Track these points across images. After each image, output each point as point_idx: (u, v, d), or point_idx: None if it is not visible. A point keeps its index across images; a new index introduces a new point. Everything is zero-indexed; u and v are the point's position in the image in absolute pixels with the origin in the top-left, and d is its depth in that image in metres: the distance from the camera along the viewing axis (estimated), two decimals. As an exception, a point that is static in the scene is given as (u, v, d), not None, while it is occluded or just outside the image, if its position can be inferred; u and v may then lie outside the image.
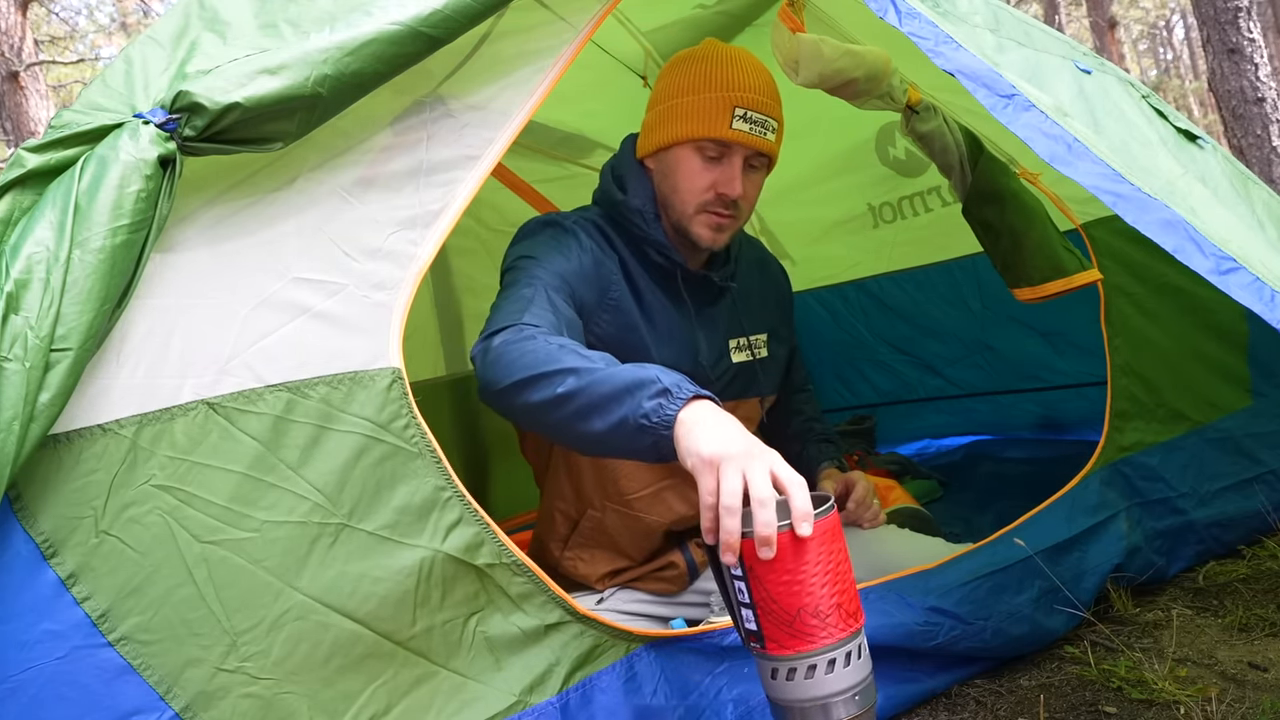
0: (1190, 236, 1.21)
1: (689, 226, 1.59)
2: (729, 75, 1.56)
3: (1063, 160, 1.26)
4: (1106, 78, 1.69)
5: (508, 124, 1.36)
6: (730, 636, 1.45)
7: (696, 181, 1.56)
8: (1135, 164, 1.39)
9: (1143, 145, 1.51)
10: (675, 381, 1.10)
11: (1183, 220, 1.22)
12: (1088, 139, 1.29)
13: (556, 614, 1.35)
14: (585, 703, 1.35)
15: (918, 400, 3.28)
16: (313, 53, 1.16)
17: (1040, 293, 1.83)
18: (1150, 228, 1.22)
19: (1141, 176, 1.30)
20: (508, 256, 1.56)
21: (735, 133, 1.53)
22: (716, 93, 1.54)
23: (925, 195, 2.89)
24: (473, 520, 1.29)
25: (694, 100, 1.55)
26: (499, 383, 1.22)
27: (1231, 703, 1.43)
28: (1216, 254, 1.21)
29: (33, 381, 1.00)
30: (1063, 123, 1.29)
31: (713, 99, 1.54)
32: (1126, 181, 1.24)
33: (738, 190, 1.55)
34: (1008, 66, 1.41)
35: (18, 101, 8.91)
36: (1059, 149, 1.27)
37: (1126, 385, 1.88)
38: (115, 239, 1.07)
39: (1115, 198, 1.22)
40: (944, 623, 1.55)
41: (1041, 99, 1.34)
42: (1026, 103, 1.29)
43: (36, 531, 1.07)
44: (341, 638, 1.20)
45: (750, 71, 1.58)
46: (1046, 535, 1.71)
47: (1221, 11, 6.10)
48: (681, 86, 1.58)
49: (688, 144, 1.56)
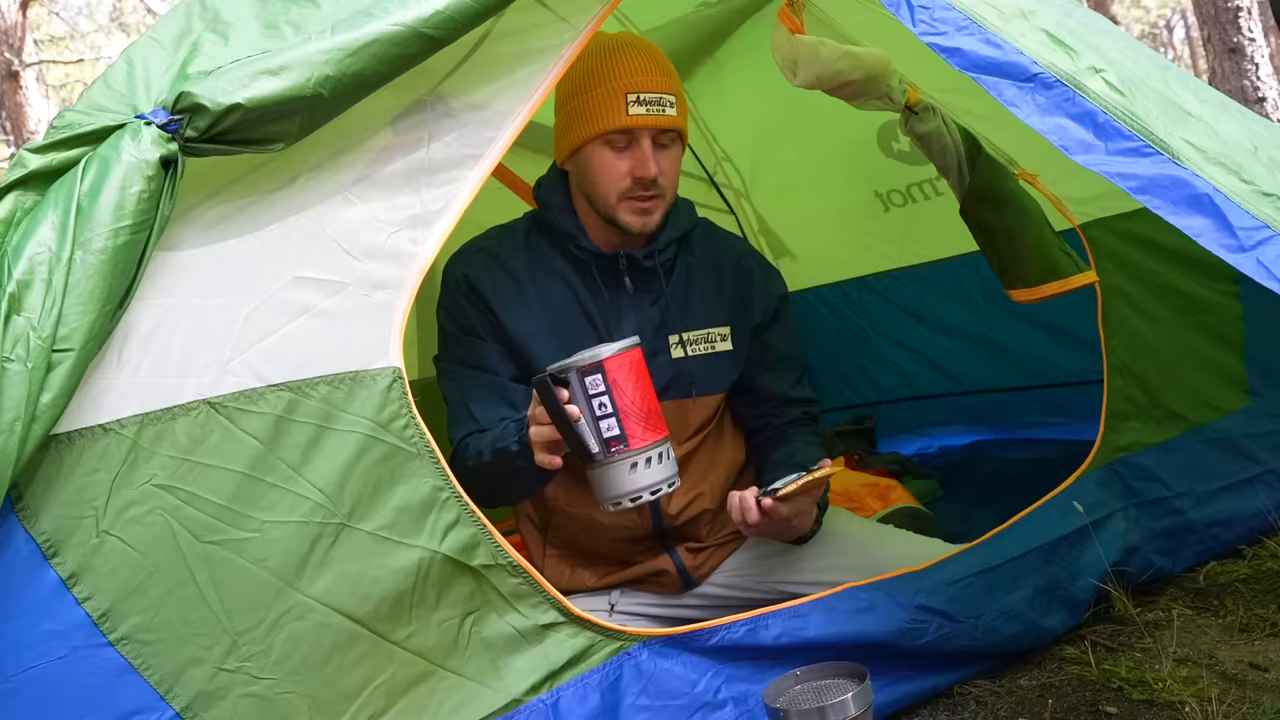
0: (1218, 210, 1.16)
1: (616, 216, 1.62)
2: (616, 64, 1.60)
3: (1087, 146, 1.23)
4: None
5: (508, 123, 1.37)
6: (725, 635, 1.45)
7: (612, 173, 1.60)
8: (1174, 108, 1.36)
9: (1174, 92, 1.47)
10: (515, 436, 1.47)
11: (1211, 193, 1.17)
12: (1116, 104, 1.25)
13: (551, 614, 1.37)
14: (579, 700, 1.36)
15: (921, 397, 3.27)
16: (314, 54, 1.16)
17: (1036, 294, 1.83)
18: (1176, 210, 1.17)
19: (1180, 121, 1.27)
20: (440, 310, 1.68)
21: (633, 118, 1.57)
22: (607, 84, 1.58)
23: (935, 181, 2.86)
24: (470, 521, 1.30)
25: (588, 98, 1.60)
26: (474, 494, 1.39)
27: (1232, 703, 1.43)
28: (1247, 226, 1.14)
29: (35, 382, 1.01)
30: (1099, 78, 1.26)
31: (605, 92, 1.58)
32: (1155, 154, 1.20)
33: (652, 170, 1.59)
34: (1043, 15, 1.39)
35: (18, 101, 8.92)
36: (1084, 134, 1.24)
37: (1123, 386, 1.88)
38: (117, 240, 1.07)
39: (1138, 183, 1.19)
40: (932, 621, 1.55)
41: (1079, 49, 1.31)
42: (1050, 78, 1.27)
43: (38, 531, 1.07)
44: (341, 638, 1.21)
45: (636, 54, 1.62)
46: (1039, 534, 1.72)
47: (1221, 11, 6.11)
48: (575, 88, 1.62)
49: (594, 140, 1.60)
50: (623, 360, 1.35)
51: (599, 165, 1.61)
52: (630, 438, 1.35)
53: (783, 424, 1.79)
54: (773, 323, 1.81)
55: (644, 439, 1.35)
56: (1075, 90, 1.26)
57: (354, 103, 1.23)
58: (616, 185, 1.60)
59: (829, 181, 3.03)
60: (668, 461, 1.39)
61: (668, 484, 1.38)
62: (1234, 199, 1.16)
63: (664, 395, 1.65)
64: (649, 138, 1.60)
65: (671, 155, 1.65)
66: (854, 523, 1.90)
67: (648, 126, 1.59)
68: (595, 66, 1.61)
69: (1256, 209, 1.16)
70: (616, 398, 1.34)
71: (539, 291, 1.66)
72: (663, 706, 1.40)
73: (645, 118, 1.58)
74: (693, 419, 1.72)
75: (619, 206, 1.61)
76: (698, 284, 1.75)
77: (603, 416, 1.34)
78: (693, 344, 1.72)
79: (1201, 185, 1.17)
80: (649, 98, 1.59)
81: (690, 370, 1.70)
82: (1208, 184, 1.17)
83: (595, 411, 1.34)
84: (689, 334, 1.72)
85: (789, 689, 1.36)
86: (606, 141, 1.60)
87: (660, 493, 1.38)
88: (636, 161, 1.59)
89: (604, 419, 1.34)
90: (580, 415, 1.33)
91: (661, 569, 1.71)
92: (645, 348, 1.63)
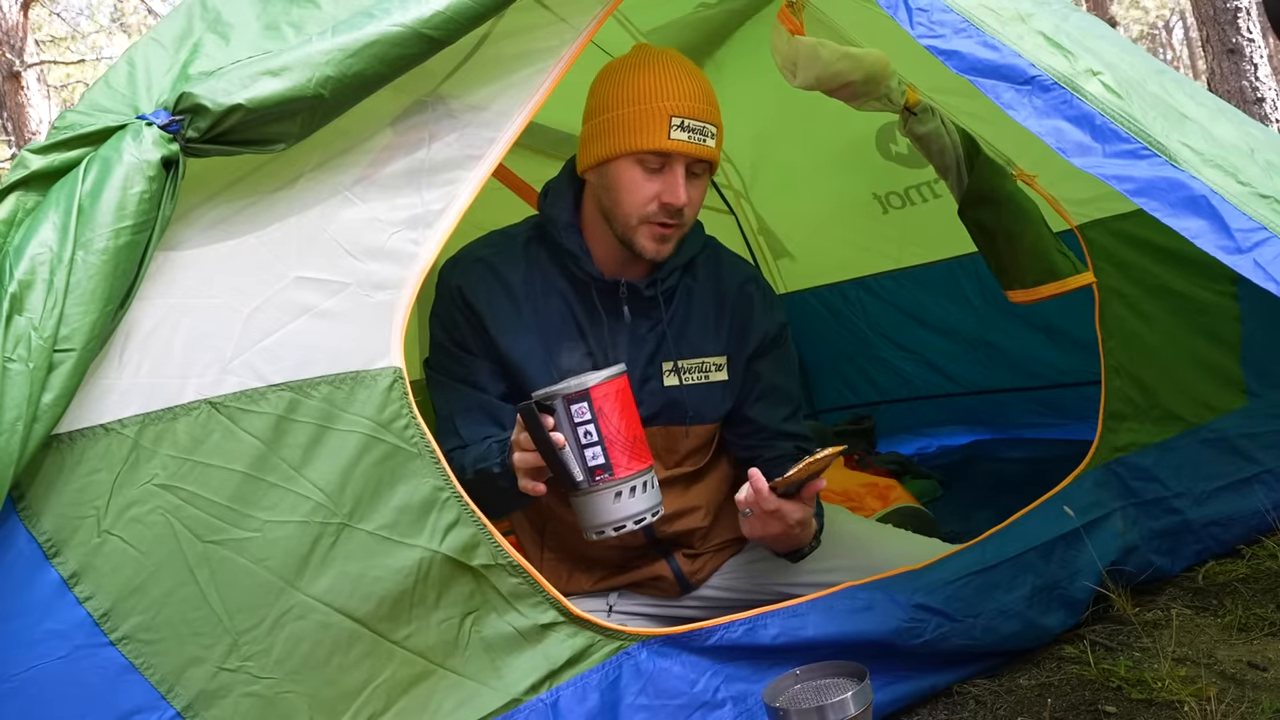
0: (1215, 212, 1.16)
1: (633, 239, 1.57)
2: (664, 84, 1.53)
3: (1085, 148, 1.23)
4: None
5: (509, 124, 1.37)
6: (723, 635, 1.46)
7: (639, 194, 1.53)
8: (1171, 111, 1.36)
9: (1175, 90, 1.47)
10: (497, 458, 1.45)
11: (1208, 194, 1.17)
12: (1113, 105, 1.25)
13: (550, 614, 1.37)
14: (578, 700, 1.36)
15: (919, 398, 3.28)
16: (315, 54, 1.17)
17: (1033, 295, 1.83)
18: (1174, 212, 1.17)
19: (1177, 124, 1.27)
20: (433, 317, 1.64)
21: (674, 143, 1.50)
22: (653, 103, 1.51)
23: (934, 184, 2.87)
24: (470, 521, 1.30)
25: (630, 112, 1.52)
26: None
27: (1231, 702, 1.44)
28: (1244, 227, 1.14)
29: (36, 382, 1.01)
30: (1096, 80, 1.26)
31: (649, 110, 1.51)
32: (1152, 156, 1.20)
33: (682, 199, 1.53)
34: (1041, 18, 1.39)
35: (19, 102, 8.92)
36: (1081, 136, 1.24)
37: (1121, 386, 1.88)
38: (118, 240, 1.07)
39: (1136, 185, 1.19)
40: (930, 620, 1.56)
41: (1076, 52, 1.31)
42: (1048, 81, 1.26)
43: (39, 531, 1.08)
44: (342, 637, 1.21)
45: (685, 78, 1.55)
46: (1037, 533, 1.72)
47: (1221, 11, 6.11)
48: (617, 99, 1.55)
49: (627, 157, 1.53)
50: (609, 389, 1.35)
51: (626, 183, 1.54)
52: (615, 466, 1.35)
53: (773, 457, 1.70)
54: (767, 352, 1.74)
55: (629, 468, 1.35)
56: (1073, 93, 1.26)
57: (355, 103, 1.23)
58: (641, 208, 1.54)
59: (828, 182, 3.04)
60: (652, 490, 1.39)
61: (651, 513, 1.39)
62: (1231, 200, 1.16)
63: (655, 422, 1.63)
64: (684, 165, 1.53)
65: (700, 186, 1.59)
66: (854, 522, 1.89)
67: (686, 154, 1.52)
68: (641, 81, 1.54)
69: (1254, 211, 1.16)
70: (602, 426, 1.34)
71: (535, 310, 1.61)
72: (661, 706, 1.40)
73: (686, 144, 1.52)
74: (683, 447, 1.68)
75: (639, 229, 1.55)
76: (697, 311, 1.70)
77: (588, 445, 1.34)
78: (687, 372, 1.67)
79: (1198, 187, 1.17)
80: (693, 125, 1.52)
81: (684, 399, 1.66)
82: (1205, 186, 1.17)
83: (580, 439, 1.34)
84: (684, 362, 1.67)
85: (788, 688, 1.37)
86: (639, 160, 1.53)
87: (644, 521, 1.38)
88: (667, 187, 1.53)
89: (589, 447, 1.34)
90: (565, 443, 1.33)
91: (659, 574, 1.71)
92: (638, 374, 1.62)
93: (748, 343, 1.72)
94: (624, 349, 1.63)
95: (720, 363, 1.70)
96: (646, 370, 1.64)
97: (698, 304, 1.70)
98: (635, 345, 1.64)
